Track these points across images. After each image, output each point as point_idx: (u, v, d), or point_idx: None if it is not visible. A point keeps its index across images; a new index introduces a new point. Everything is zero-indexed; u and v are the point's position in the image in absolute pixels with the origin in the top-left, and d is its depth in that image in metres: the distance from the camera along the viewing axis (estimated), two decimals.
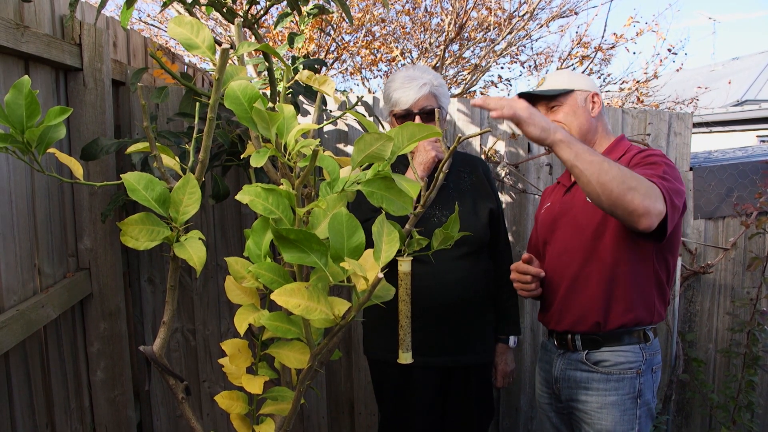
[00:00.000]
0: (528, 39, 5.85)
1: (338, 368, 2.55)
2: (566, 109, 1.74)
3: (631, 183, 1.39)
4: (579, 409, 1.70)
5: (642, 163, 1.60)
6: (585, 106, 1.74)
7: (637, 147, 1.74)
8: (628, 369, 1.64)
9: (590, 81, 1.80)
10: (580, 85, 1.75)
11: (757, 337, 2.63)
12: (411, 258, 1.34)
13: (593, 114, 1.75)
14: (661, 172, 1.52)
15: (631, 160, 1.64)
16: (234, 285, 1.34)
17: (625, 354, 1.65)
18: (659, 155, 1.62)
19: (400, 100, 1.83)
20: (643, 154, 1.65)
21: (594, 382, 1.67)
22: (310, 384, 1.28)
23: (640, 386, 1.64)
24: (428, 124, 1.07)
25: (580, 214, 1.69)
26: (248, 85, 1.08)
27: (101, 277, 2.00)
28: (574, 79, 1.77)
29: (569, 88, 1.74)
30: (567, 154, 1.43)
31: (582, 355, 1.69)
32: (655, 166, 1.56)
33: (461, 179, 1.97)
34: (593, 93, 1.76)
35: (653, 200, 1.40)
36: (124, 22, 1.51)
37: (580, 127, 1.72)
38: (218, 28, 5.38)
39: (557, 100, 1.75)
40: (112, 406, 2.08)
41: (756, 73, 11.08)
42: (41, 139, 1.12)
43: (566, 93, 1.74)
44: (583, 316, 1.67)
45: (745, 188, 2.78)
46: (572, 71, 1.79)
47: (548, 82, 1.79)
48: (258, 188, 1.07)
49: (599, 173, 1.40)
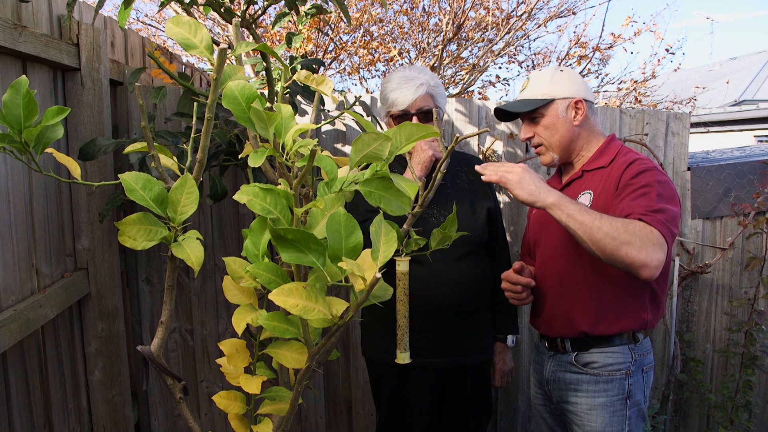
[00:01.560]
0: (526, 39, 5.84)
1: (336, 368, 2.55)
2: (546, 122, 1.69)
3: (624, 237, 1.39)
4: (569, 410, 1.70)
5: (632, 189, 1.53)
6: (566, 116, 1.68)
7: (626, 151, 1.67)
8: (617, 370, 1.63)
9: (574, 83, 1.70)
10: (560, 91, 1.68)
11: (755, 337, 2.64)
12: (409, 258, 1.35)
13: (576, 122, 1.68)
14: (655, 201, 1.47)
15: (621, 177, 1.57)
16: (232, 285, 1.34)
17: (613, 355, 1.64)
18: (650, 169, 1.55)
19: (397, 101, 1.83)
20: (633, 169, 1.57)
21: (583, 384, 1.66)
22: (308, 384, 1.28)
23: (630, 387, 1.63)
24: (426, 124, 1.07)
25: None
26: (246, 85, 1.08)
27: (99, 277, 2.00)
28: (556, 84, 1.69)
29: (548, 98, 1.67)
30: (558, 215, 1.45)
31: (572, 356, 1.69)
32: (647, 195, 1.50)
33: (459, 179, 1.97)
34: (576, 99, 1.68)
35: (650, 251, 1.39)
36: (121, 21, 1.51)
37: (560, 141, 1.69)
38: (216, 28, 5.37)
39: (537, 111, 1.70)
40: (109, 405, 2.07)
41: (754, 73, 11.11)
42: (39, 139, 1.12)
43: (546, 104, 1.68)
44: (571, 325, 1.67)
45: (742, 188, 2.78)
46: (555, 71, 1.71)
47: (530, 85, 1.73)
48: (256, 188, 1.07)
49: (591, 232, 1.41)
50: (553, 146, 1.70)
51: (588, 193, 1.65)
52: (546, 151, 1.73)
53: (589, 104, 1.71)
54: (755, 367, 2.65)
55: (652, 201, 1.48)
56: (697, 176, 2.72)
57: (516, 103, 1.74)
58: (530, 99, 1.71)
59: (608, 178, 1.61)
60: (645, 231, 1.40)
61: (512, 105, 1.74)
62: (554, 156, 1.72)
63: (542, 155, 1.75)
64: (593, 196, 1.62)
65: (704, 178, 2.74)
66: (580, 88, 1.70)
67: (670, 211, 1.47)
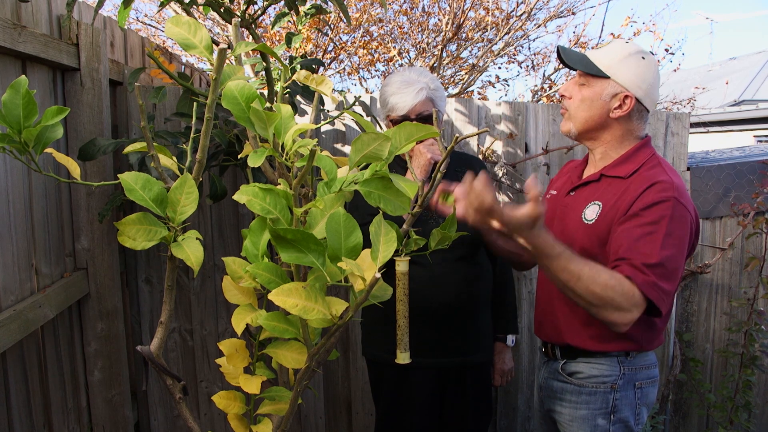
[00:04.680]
0: (525, 39, 5.84)
1: (336, 368, 2.55)
2: (587, 93, 1.53)
3: (598, 302, 1.31)
4: (556, 419, 1.65)
5: (639, 223, 1.39)
6: (609, 102, 1.51)
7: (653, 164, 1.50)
8: (602, 383, 1.54)
9: (640, 77, 1.50)
10: (621, 75, 1.49)
11: (755, 337, 2.64)
12: (408, 258, 1.35)
13: (613, 115, 1.51)
14: (659, 249, 1.34)
15: (634, 202, 1.43)
16: (231, 285, 1.34)
17: (599, 367, 1.55)
18: (666, 200, 1.39)
19: (396, 106, 1.83)
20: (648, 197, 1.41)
21: (567, 394, 1.60)
22: (308, 384, 1.28)
23: (615, 402, 1.53)
24: (426, 125, 1.07)
25: (570, 229, 1.57)
26: (246, 85, 1.08)
27: (98, 277, 2.00)
28: (624, 66, 1.50)
29: (606, 73, 1.50)
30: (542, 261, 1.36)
31: (560, 364, 1.63)
32: (651, 237, 1.36)
33: (459, 179, 1.97)
34: (627, 94, 1.49)
35: (625, 313, 1.30)
36: (121, 21, 1.51)
37: (586, 120, 1.54)
38: (216, 28, 5.37)
39: (586, 77, 1.53)
40: (109, 405, 2.07)
41: (753, 73, 11.13)
42: (38, 139, 1.12)
43: (600, 76, 1.51)
44: (558, 334, 1.62)
45: (742, 188, 2.79)
46: (636, 54, 1.51)
47: (606, 48, 1.55)
48: (255, 188, 1.07)
49: (564, 287, 1.35)
50: (577, 119, 1.55)
51: (597, 205, 1.53)
52: (569, 118, 1.58)
53: (639, 106, 1.52)
54: (755, 367, 2.65)
55: (654, 247, 1.34)
56: (697, 176, 2.72)
57: (580, 55, 1.57)
58: (592, 62, 1.53)
59: (623, 194, 1.47)
60: (625, 292, 1.30)
61: (574, 55, 1.57)
62: (572, 128, 1.58)
63: (564, 120, 1.60)
64: (601, 209, 1.50)
65: (704, 178, 2.74)
66: (642, 86, 1.50)
67: (671, 263, 1.35)
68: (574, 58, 1.56)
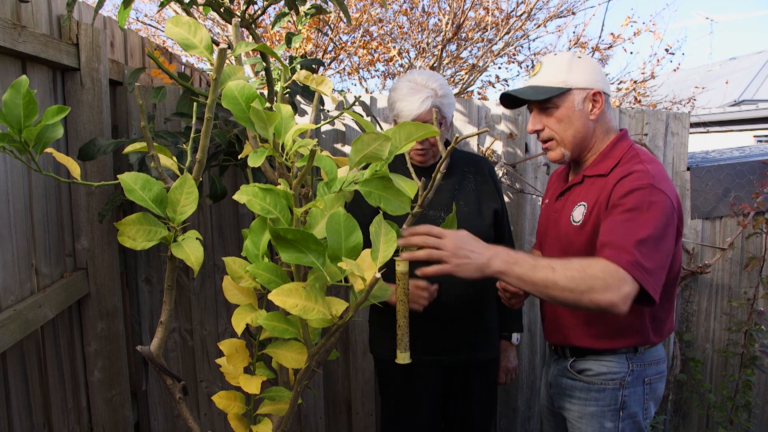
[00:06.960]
0: (525, 39, 5.84)
1: (335, 368, 2.55)
2: (560, 114, 1.53)
3: (584, 286, 1.26)
4: (565, 416, 1.68)
5: (619, 211, 1.40)
6: (583, 108, 1.52)
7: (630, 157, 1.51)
8: (611, 380, 1.56)
9: (593, 72, 1.53)
10: (579, 80, 1.51)
11: (755, 337, 2.64)
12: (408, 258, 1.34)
13: (592, 117, 1.53)
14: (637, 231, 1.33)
15: (611, 193, 1.44)
16: (231, 285, 1.34)
17: (608, 364, 1.57)
18: (642, 188, 1.39)
19: (402, 113, 1.82)
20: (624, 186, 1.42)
21: (577, 391, 1.62)
22: (308, 384, 1.28)
23: (624, 398, 1.55)
24: (425, 124, 1.07)
25: (563, 233, 1.59)
26: (246, 85, 1.08)
27: (98, 277, 2.00)
28: (574, 71, 1.51)
29: (565, 86, 1.50)
30: (510, 281, 1.32)
31: (569, 362, 1.65)
32: (634, 220, 1.36)
33: (466, 179, 1.98)
34: (594, 91, 1.51)
35: (615, 290, 1.26)
36: (121, 21, 1.51)
37: (574, 136, 1.54)
38: (216, 28, 5.37)
39: (551, 101, 1.52)
40: (109, 405, 2.07)
41: (753, 73, 11.13)
42: (39, 139, 1.12)
43: (562, 93, 1.51)
44: (565, 337, 1.64)
45: (742, 188, 2.79)
46: (573, 57, 1.53)
47: (544, 70, 1.55)
48: (255, 188, 1.07)
49: (547, 291, 1.29)
50: (566, 142, 1.55)
51: (582, 205, 1.55)
52: (557, 146, 1.57)
53: (606, 97, 1.55)
54: (755, 367, 2.65)
55: (632, 229, 1.34)
56: (697, 176, 2.72)
57: (527, 89, 1.55)
58: (544, 86, 1.53)
59: (603, 189, 1.49)
60: (608, 270, 1.28)
61: (523, 91, 1.56)
62: (565, 152, 1.57)
63: (551, 150, 1.59)
64: (586, 209, 1.52)
65: (704, 178, 2.74)
66: (598, 78, 1.53)
67: (651, 241, 1.33)
68: (526, 92, 1.55)
